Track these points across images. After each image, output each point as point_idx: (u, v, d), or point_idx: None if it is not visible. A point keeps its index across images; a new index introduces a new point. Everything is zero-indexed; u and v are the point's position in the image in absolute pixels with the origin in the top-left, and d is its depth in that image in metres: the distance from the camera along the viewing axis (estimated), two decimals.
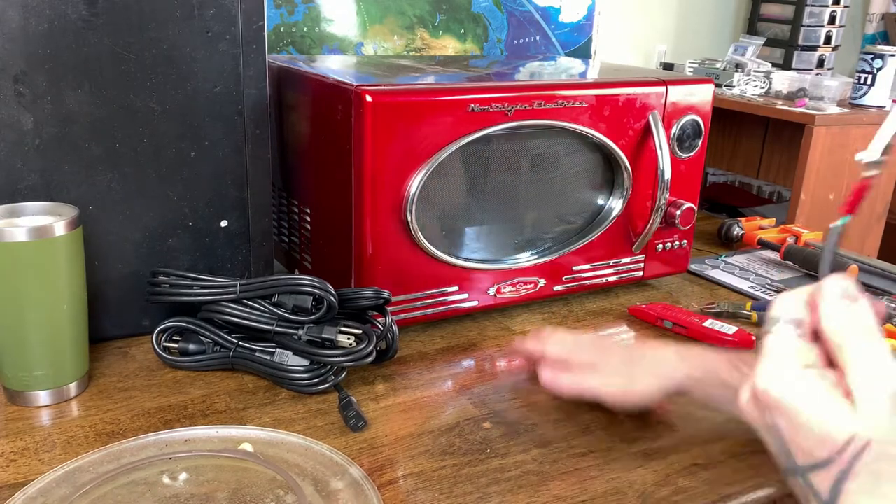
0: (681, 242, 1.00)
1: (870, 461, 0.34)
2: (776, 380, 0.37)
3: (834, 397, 0.36)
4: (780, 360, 0.38)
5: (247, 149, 0.81)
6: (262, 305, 0.73)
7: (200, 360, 0.74)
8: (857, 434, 0.35)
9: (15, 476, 0.58)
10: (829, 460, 0.35)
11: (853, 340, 0.37)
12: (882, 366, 0.36)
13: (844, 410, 0.35)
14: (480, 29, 1.40)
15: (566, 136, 0.87)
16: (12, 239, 0.63)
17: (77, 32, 0.70)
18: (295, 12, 1.24)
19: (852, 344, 0.37)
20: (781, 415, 0.37)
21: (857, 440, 0.34)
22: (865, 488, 0.34)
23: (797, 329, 0.39)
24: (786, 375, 0.37)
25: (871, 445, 0.34)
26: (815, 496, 0.36)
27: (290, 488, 0.56)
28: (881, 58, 1.79)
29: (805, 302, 0.39)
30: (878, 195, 1.92)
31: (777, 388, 0.37)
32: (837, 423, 0.35)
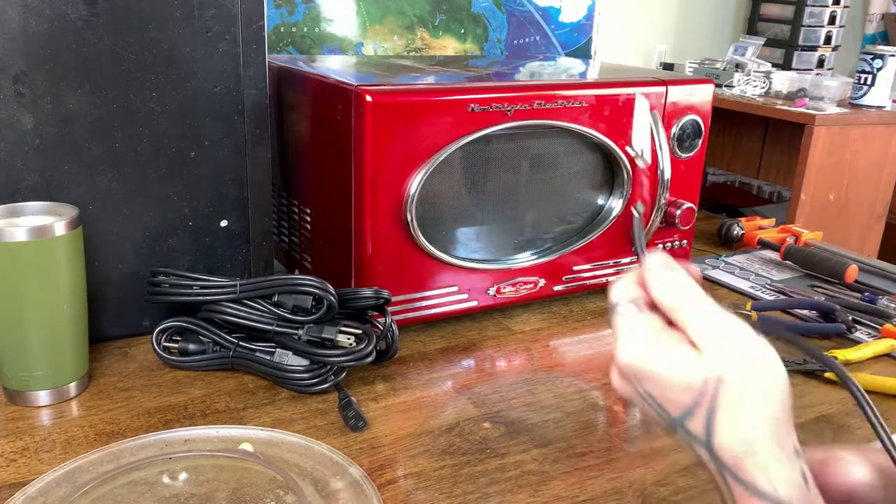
0: (681, 242, 1.00)
1: (727, 393, 0.40)
2: (633, 352, 0.43)
3: (684, 350, 0.41)
4: (631, 335, 0.43)
5: (247, 149, 0.81)
6: (262, 305, 0.73)
7: (200, 360, 0.74)
8: (710, 374, 0.40)
9: (15, 476, 0.58)
10: (696, 404, 0.40)
11: (683, 301, 0.43)
12: (713, 314, 0.42)
13: (695, 358, 0.41)
14: (480, 29, 1.40)
15: (566, 136, 0.87)
16: (12, 239, 0.63)
17: (77, 32, 0.70)
18: (295, 12, 1.24)
19: (683, 304, 0.43)
20: (647, 379, 0.42)
21: (711, 379, 0.40)
22: (729, 415, 0.39)
23: (636, 306, 0.44)
24: (640, 345, 0.42)
25: (724, 380, 0.40)
26: (695, 440, 0.41)
27: (290, 488, 0.56)
28: (881, 58, 1.79)
29: (635, 282, 0.45)
30: (879, 195, 1.92)
31: (636, 358, 0.42)
32: (693, 370, 0.40)
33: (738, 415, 0.39)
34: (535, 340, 0.85)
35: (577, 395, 0.74)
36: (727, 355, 0.40)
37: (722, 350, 0.40)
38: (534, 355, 0.82)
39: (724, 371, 0.40)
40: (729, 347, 0.40)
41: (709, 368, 0.40)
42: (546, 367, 0.80)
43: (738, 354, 0.40)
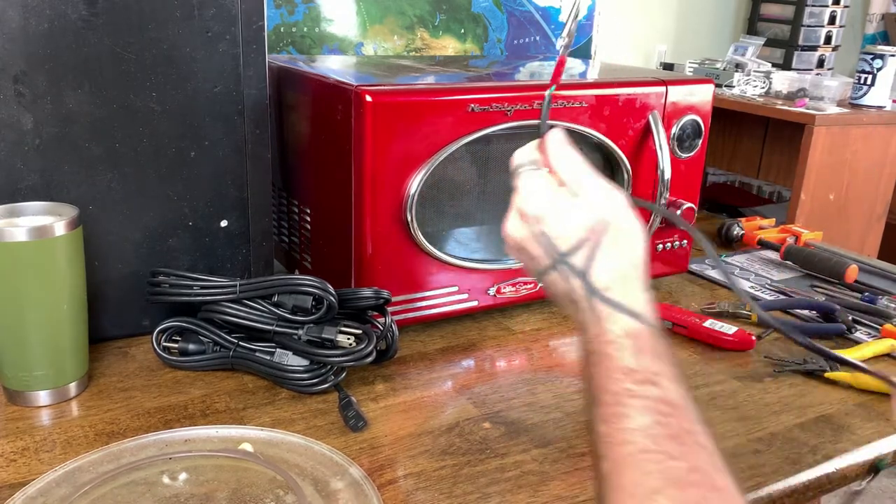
0: (681, 242, 1.00)
1: (609, 235, 0.51)
2: (540, 197, 0.53)
3: (580, 199, 0.53)
4: (537, 185, 0.54)
5: (247, 149, 0.81)
6: (262, 305, 0.73)
7: (200, 360, 0.74)
8: (600, 218, 0.51)
9: (15, 476, 0.58)
10: (585, 240, 0.51)
11: (577, 169, 0.54)
12: (598, 181, 0.54)
13: (590, 206, 0.52)
14: (480, 29, 1.40)
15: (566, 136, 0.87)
16: (12, 239, 0.63)
17: (77, 32, 0.70)
18: (295, 12, 1.24)
19: (577, 171, 0.54)
20: (547, 220, 0.52)
21: (601, 221, 0.51)
22: (607, 252, 0.51)
23: (537, 166, 0.56)
24: (546, 192, 0.53)
25: (609, 224, 0.51)
26: (574, 272, 0.51)
27: (290, 488, 0.56)
28: (881, 58, 1.79)
29: (535, 149, 0.57)
30: (879, 195, 1.92)
31: (544, 201, 0.53)
32: (588, 213, 0.52)
33: (614, 252, 0.51)
34: (535, 340, 0.85)
35: (577, 395, 0.74)
36: (611, 209, 0.52)
37: (608, 204, 0.52)
38: (534, 355, 0.82)
39: (609, 218, 0.52)
40: (611, 204, 0.52)
41: (600, 214, 0.52)
42: (546, 367, 0.80)
43: (618, 210, 0.52)
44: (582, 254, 0.51)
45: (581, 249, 0.51)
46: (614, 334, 0.48)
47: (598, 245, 0.51)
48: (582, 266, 0.51)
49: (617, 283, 0.50)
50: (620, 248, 0.51)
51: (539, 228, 0.53)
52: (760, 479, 0.61)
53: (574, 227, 0.52)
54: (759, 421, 0.70)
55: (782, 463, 0.64)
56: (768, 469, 0.63)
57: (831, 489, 0.65)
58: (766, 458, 0.64)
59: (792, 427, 0.69)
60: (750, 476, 0.62)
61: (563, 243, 0.52)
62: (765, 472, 0.62)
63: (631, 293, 0.50)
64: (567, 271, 0.51)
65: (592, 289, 0.50)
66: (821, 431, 0.69)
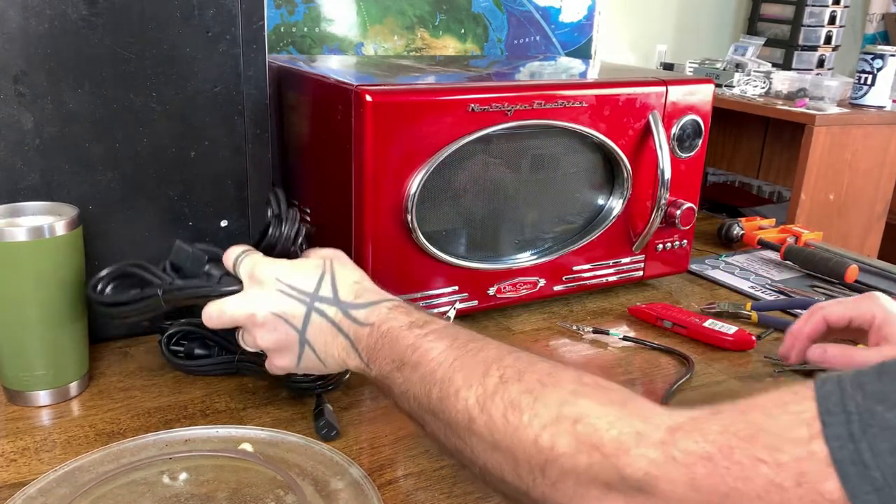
0: (681, 242, 1.00)
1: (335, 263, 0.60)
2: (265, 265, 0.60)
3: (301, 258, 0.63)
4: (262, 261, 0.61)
5: (247, 149, 0.81)
6: None
7: (206, 365, 0.74)
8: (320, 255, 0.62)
9: (15, 476, 0.58)
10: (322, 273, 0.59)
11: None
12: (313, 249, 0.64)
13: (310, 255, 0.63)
14: (480, 29, 1.40)
15: (566, 135, 0.87)
16: (12, 239, 0.63)
17: (77, 32, 0.70)
18: (295, 12, 1.24)
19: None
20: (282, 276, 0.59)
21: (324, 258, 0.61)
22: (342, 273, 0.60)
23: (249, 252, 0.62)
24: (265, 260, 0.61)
25: (328, 254, 0.62)
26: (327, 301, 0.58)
27: (290, 488, 0.56)
28: (881, 58, 1.79)
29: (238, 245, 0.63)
30: (879, 195, 1.92)
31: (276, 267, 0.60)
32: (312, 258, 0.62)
33: (346, 270, 0.60)
34: (535, 340, 0.85)
35: None
36: (326, 251, 0.62)
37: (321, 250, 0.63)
38: None
39: (329, 254, 0.62)
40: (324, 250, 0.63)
41: (321, 254, 0.61)
42: None
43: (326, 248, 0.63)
44: (326, 285, 0.58)
45: (323, 282, 0.58)
46: (383, 317, 0.55)
47: (333, 273, 0.59)
48: (331, 293, 0.58)
49: (362, 291, 0.58)
50: (348, 268, 0.60)
51: (282, 284, 0.58)
52: None
53: (309, 269, 0.59)
54: None
55: None
56: None
57: None
58: None
59: None
60: None
61: (308, 285, 0.58)
62: None
63: (376, 292, 0.58)
64: (322, 306, 0.57)
65: (348, 304, 0.57)
66: None
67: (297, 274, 0.59)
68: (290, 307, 0.57)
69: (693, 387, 0.76)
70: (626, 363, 0.81)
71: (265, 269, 0.59)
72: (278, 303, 0.58)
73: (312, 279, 0.58)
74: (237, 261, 0.61)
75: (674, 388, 0.74)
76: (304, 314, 0.57)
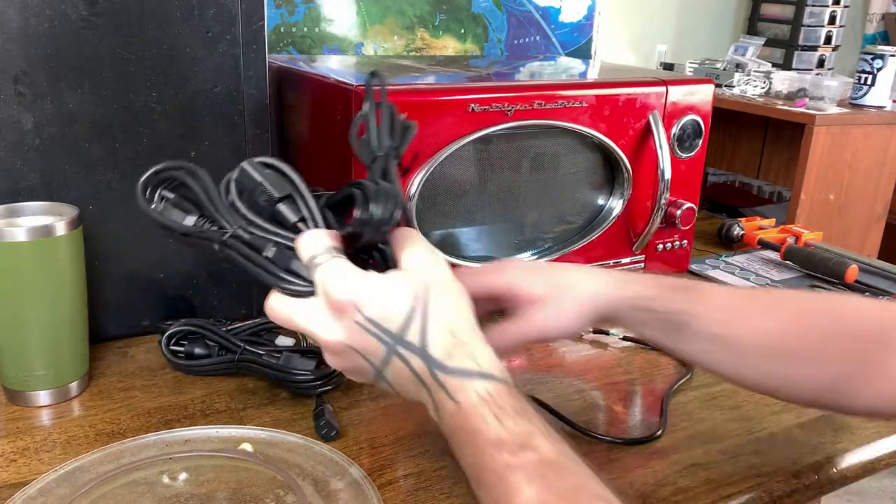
0: (681, 242, 1.00)
1: (434, 296, 0.48)
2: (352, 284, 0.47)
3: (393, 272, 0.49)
4: (343, 273, 0.48)
5: (247, 149, 0.81)
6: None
7: (207, 364, 0.74)
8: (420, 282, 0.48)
9: (15, 476, 0.58)
10: (413, 309, 0.47)
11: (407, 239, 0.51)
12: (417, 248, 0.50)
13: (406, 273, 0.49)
14: (480, 29, 1.40)
15: (566, 136, 0.87)
16: (12, 239, 0.63)
17: (77, 32, 0.70)
18: (295, 12, 1.24)
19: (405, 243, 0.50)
20: (369, 301, 0.47)
21: (421, 285, 0.48)
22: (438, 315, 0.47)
23: (333, 252, 0.49)
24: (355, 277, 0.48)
25: (430, 285, 0.48)
26: (412, 349, 0.47)
27: (290, 488, 0.56)
28: (881, 58, 1.79)
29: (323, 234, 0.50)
30: (879, 195, 1.92)
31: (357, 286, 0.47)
32: (408, 281, 0.48)
33: (443, 311, 0.48)
34: None
35: (577, 395, 0.74)
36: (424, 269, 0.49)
37: (423, 267, 0.49)
38: (534, 355, 0.82)
39: (427, 279, 0.48)
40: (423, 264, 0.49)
41: (419, 279, 0.48)
42: (546, 367, 0.80)
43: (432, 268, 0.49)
44: (415, 327, 0.47)
45: (413, 322, 0.47)
46: (471, 404, 0.45)
47: (426, 311, 0.47)
48: (419, 341, 0.47)
49: (457, 346, 0.47)
50: (448, 305, 0.48)
51: (361, 316, 0.47)
52: (761, 479, 0.61)
53: (398, 301, 0.47)
54: (759, 421, 0.70)
55: (782, 463, 0.64)
56: (768, 469, 0.63)
57: (832, 489, 0.65)
58: (766, 458, 0.64)
59: (792, 427, 0.69)
60: (750, 476, 0.62)
61: (393, 322, 0.47)
62: (765, 472, 0.62)
63: (474, 351, 0.47)
64: (406, 353, 0.47)
65: (436, 362, 0.47)
66: (821, 431, 0.69)
67: (381, 303, 0.47)
68: (369, 344, 0.48)
69: (693, 387, 0.76)
70: (626, 363, 0.81)
71: (343, 290, 0.47)
72: (355, 335, 0.48)
73: (399, 314, 0.47)
74: (312, 262, 0.49)
75: (674, 389, 0.74)
76: (383, 355, 0.48)
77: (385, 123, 0.55)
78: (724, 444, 0.66)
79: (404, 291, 0.47)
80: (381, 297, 0.47)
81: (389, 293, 0.47)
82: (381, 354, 0.48)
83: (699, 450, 0.65)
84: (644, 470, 0.62)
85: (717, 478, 0.61)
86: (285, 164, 0.53)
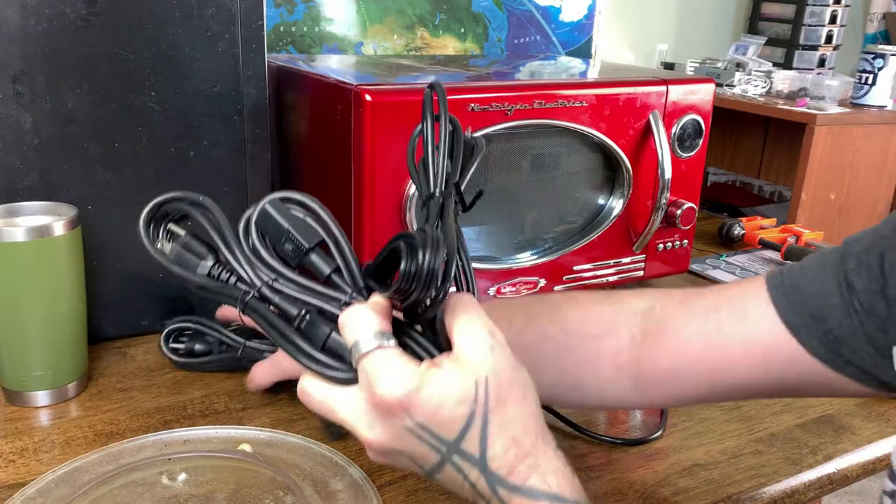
0: (681, 242, 1.00)
1: (493, 394, 0.40)
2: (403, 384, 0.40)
3: (447, 365, 0.41)
4: (391, 369, 0.40)
5: (246, 149, 0.80)
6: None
7: (208, 361, 0.73)
8: (477, 381, 0.40)
9: (14, 476, 0.58)
10: (472, 413, 0.40)
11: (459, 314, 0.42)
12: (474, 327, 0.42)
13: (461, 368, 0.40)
14: (480, 28, 1.40)
15: (566, 135, 0.87)
16: (11, 239, 0.63)
17: (76, 32, 0.70)
18: (294, 11, 1.24)
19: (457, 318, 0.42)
20: (420, 407, 0.40)
21: (479, 386, 0.40)
22: (500, 421, 0.40)
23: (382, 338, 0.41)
24: (406, 376, 0.40)
25: (488, 383, 0.40)
26: (470, 460, 0.40)
27: (289, 489, 0.56)
28: (882, 57, 1.79)
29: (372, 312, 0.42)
30: (880, 194, 1.92)
31: (407, 389, 0.40)
32: (463, 378, 0.40)
33: (506, 417, 0.40)
34: None
35: None
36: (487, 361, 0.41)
37: (481, 356, 0.41)
38: None
39: (489, 376, 0.40)
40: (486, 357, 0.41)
41: (478, 375, 0.40)
42: None
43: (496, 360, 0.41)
44: (473, 433, 0.40)
45: (471, 429, 0.40)
46: None
47: (487, 417, 0.40)
48: (478, 452, 0.40)
49: (520, 458, 0.41)
50: (512, 408, 0.41)
51: (412, 421, 0.40)
52: (761, 479, 0.61)
53: (455, 406, 0.40)
54: (760, 421, 0.70)
55: (783, 463, 0.64)
56: (769, 469, 0.63)
57: (832, 489, 0.65)
58: (767, 459, 0.64)
59: (793, 427, 0.69)
60: (751, 476, 0.62)
61: (449, 430, 0.40)
62: (765, 473, 0.62)
63: (541, 465, 0.41)
64: (462, 463, 0.41)
65: (497, 478, 0.41)
66: (821, 432, 0.69)
67: (436, 408, 0.40)
68: (419, 449, 0.42)
69: None
70: None
71: (392, 390, 0.40)
72: (404, 440, 0.41)
73: (456, 421, 0.40)
74: (356, 348, 0.42)
75: None
76: (436, 462, 0.42)
77: (444, 144, 0.48)
78: (724, 444, 0.66)
79: (462, 393, 0.40)
80: (435, 401, 0.40)
81: (445, 396, 0.40)
82: (433, 461, 0.42)
83: (699, 450, 0.65)
84: (644, 470, 0.62)
85: (717, 478, 0.61)
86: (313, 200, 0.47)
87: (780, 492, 0.61)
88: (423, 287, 0.41)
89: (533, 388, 0.43)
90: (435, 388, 0.40)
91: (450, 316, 0.43)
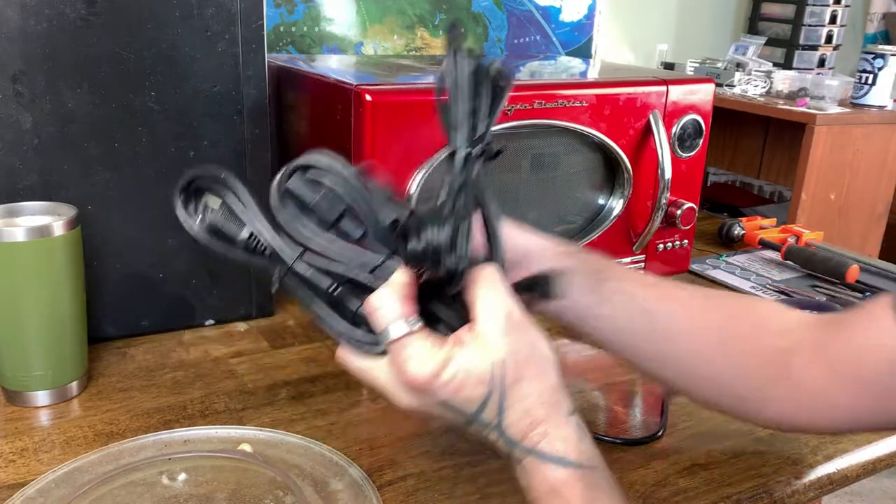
0: (681, 242, 1.00)
1: (510, 372, 0.45)
2: (428, 368, 0.44)
3: (467, 349, 0.45)
4: (418, 354, 0.45)
5: (246, 149, 0.80)
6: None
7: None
8: (494, 362, 0.44)
9: (14, 476, 0.58)
10: (489, 392, 0.45)
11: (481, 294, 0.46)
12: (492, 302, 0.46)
13: (479, 351, 0.44)
14: (480, 28, 1.40)
15: (566, 135, 0.87)
16: (11, 239, 0.63)
17: (76, 32, 0.70)
18: (294, 11, 1.24)
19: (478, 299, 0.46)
20: (445, 386, 0.44)
21: (496, 366, 0.44)
22: (515, 396, 0.45)
23: (409, 322, 0.45)
24: (430, 360, 0.44)
25: (504, 363, 0.45)
26: (488, 426, 0.46)
27: (289, 489, 0.56)
28: (882, 57, 1.79)
29: (396, 298, 0.45)
30: (880, 195, 1.92)
31: (432, 374, 0.44)
32: (481, 362, 0.44)
33: (521, 392, 0.45)
34: None
35: (577, 395, 0.74)
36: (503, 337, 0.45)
37: (498, 332, 0.45)
38: None
39: (505, 356, 0.45)
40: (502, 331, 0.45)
41: (496, 354, 0.45)
42: None
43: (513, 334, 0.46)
44: (491, 409, 0.45)
45: (488, 404, 0.45)
46: (542, 492, 0.45)
47: (504, 394, 0.45)
48: (496, 421, 0.46)
49: (533, 425, 0.45)
50: (528, 382, 0.46)
51: (441, 396, 0.45)
52: (761, 479, 0.61)
53: (473, 386, 0.45)
54: None
55: (783, 463, 0.64)
56: (769, 469, 0.63)
57: (832, 489, 0.65)
58: (767, 459, 0.64)
59: None
60: (750, 476, 0.62)
61: (469, 406, 0.45)
62: (765, 473, 0.62)
63: (550, 432, 0.45)
64: (483, 428, 0.46)
65: (510, 441, 0.46)
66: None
67: (456, 388, 0.45)
68: (447, 416, 0.47)
69: None
70: (626, 364, 0.81)
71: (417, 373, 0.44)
72: (433, 410, 0.47)
73: (475, 399, 0.45)
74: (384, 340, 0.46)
75: None
76: (461, 423, 0.47)
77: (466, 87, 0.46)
78: (724, 444, 0.66)
79: (480, 375, 0.44)
80: (456, 381, 0.44)
81: (465, 378, 0.44)
82: (459, 422, 0.47)
83: (699, 450, 0.65)
84: (644, 470, 0.62)
85: (718, 478, 0.61)
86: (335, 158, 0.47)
87: (780, 492, 0.61)
88: (432, 264, 0.43)
89: (552, 362, 0.47)
90: (455, 370, 0.44)
91: (472, 288, 0.46)
